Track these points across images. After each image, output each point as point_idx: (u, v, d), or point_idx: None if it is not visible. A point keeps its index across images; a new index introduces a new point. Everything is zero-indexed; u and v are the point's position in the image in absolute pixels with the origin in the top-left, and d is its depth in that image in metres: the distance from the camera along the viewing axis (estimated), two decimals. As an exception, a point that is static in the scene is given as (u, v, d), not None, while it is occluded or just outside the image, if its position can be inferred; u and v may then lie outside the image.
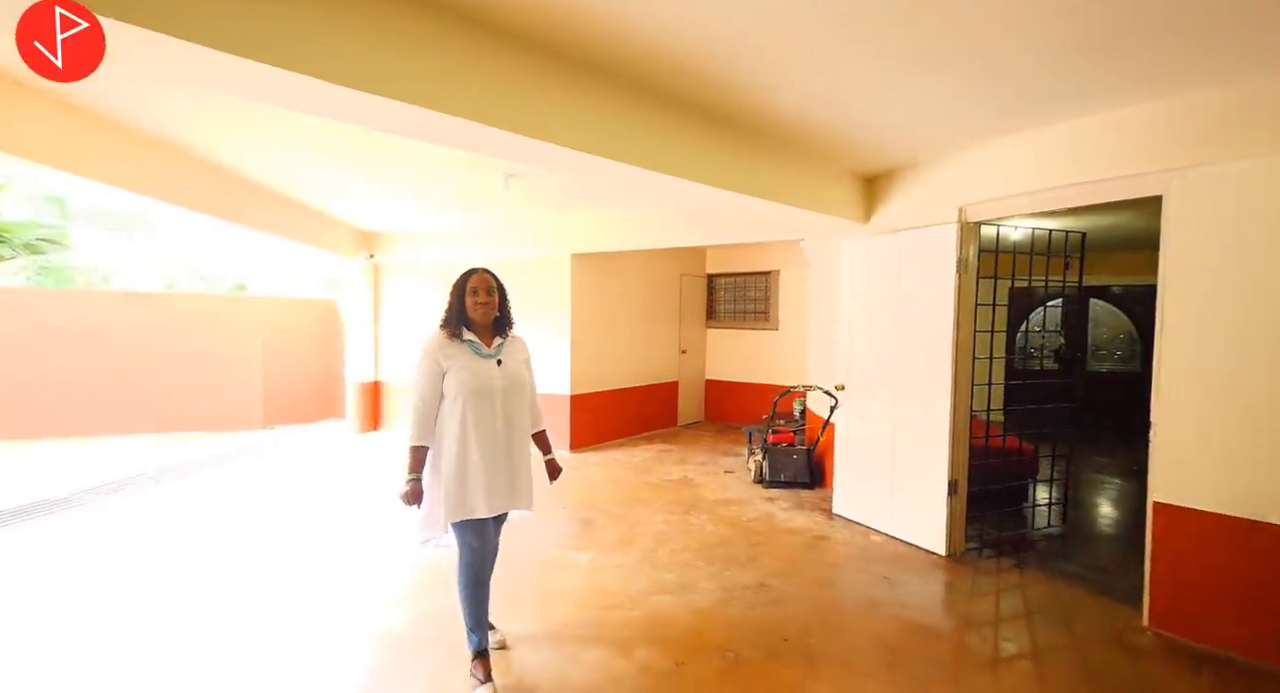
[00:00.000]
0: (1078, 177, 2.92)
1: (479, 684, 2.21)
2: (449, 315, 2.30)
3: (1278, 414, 2.36)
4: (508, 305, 2.42)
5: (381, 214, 6.14)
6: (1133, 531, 4.13)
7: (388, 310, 7.55)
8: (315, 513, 4.36)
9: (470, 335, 2.29)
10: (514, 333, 2.46)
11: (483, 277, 2.33)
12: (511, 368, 2.35)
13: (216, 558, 3.52)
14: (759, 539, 3.86)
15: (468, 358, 2.25)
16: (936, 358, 3.59)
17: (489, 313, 2.32)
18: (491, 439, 2.24)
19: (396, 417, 7.48)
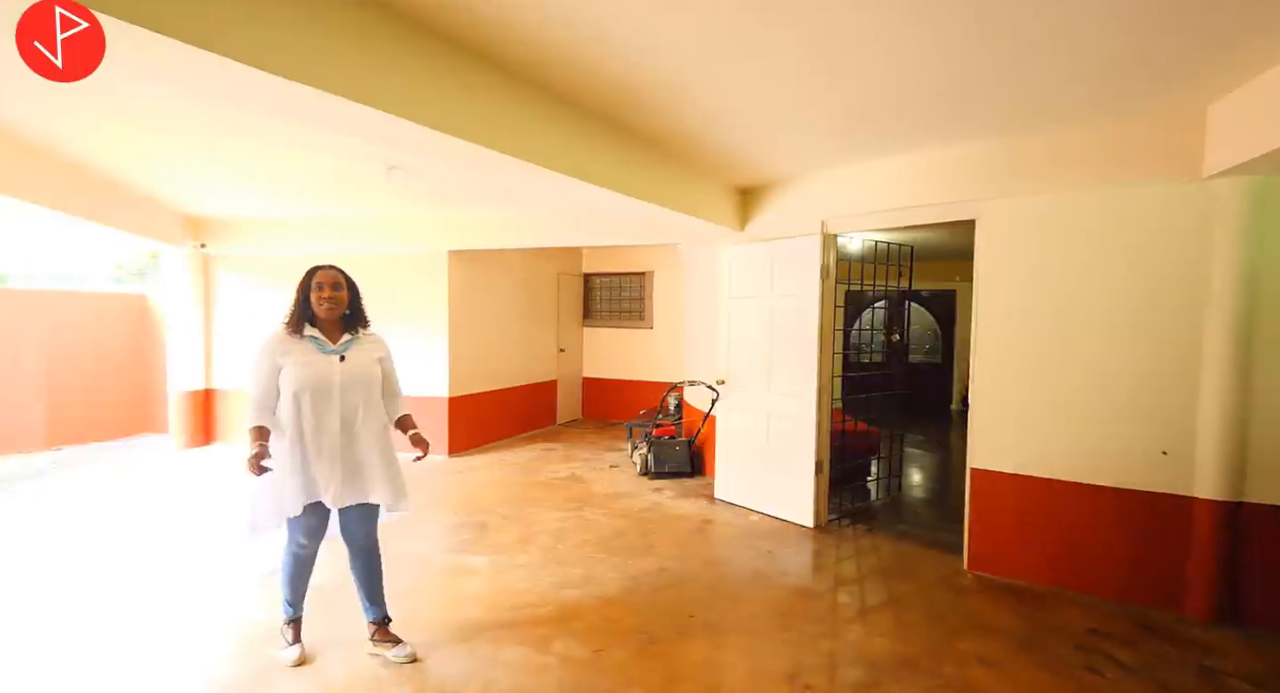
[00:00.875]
0: (917, 200, 3.50)
1: (288, 645, 2.43)
2: (292, 312, 2.31)
3: (1054, 394, 3.05)
4: (360, 302, 2.42)
5: (220, 199, 5.39)
6: (949, 494, 5.02)
7: (225, 309, 6.63)
8: (110, 554, 3.74)
9: (314, 332, 2.30)
10: (370, 331, 2.46)
11: (329, 273, 2.33)
12: (356, 364, 2.34)
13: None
14: (652, 528, 4.07)
15: (307, 354, 2.26)
16: (805, 353, 4.06)
17: (336, 309, 2.31)
18: (329, 434, 2.27)
19: (235, 428, 6.60)
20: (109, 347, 7.01)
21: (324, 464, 2.27)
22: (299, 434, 2.24)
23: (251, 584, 3.14)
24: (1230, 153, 2.49)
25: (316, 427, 2.25)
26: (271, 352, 2.24)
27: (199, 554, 3.56)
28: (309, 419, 2.24)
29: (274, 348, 2.25)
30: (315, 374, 2.24)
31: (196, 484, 5.14)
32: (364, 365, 2.37)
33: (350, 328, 2.38)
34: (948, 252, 7.57)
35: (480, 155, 2.55)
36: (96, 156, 4.33)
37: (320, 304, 2.28)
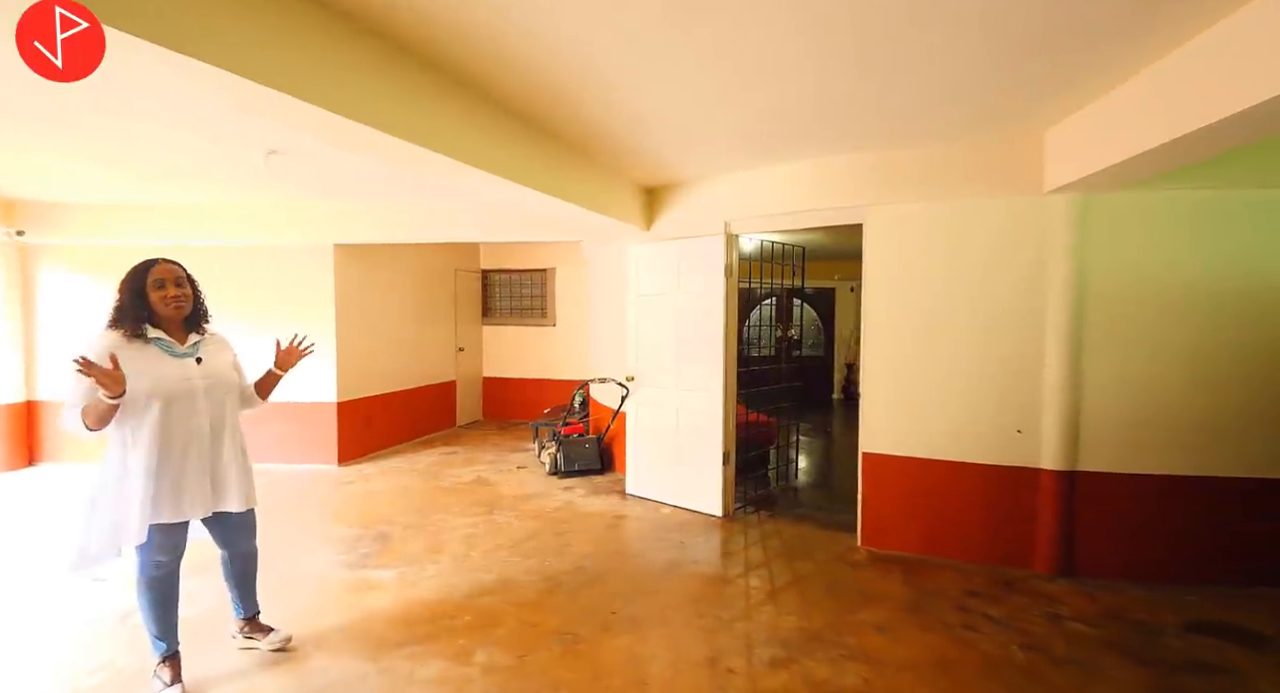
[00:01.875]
0: (813, 204, 3.75)
1: (165, 686, 2.18)
2: (121, 312, 2.10)
3: (929, 383, 3.43)
4: (202, 299, 2.28)
5: (46, 176, 4.58)
6: (839, 477, 5.46)
7: (50, 309, 5.66)
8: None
9: (158, 333, 2.12)
10: (213, 330, 2.33)
11: (169, 268, 2.17)
12: (214, 365, 2.24)
13: None
14: (565, 527, 4.04)
15: (156, 359, 2.08)
16: (711, 349, 4.22)
17: (182, 309, 2.16)
18: (196, 442, 2.13)
19: (63, 446, 5.68)
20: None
21: (191, 476, 2.11)
22: (159, 446, 2.04)
23: (98, 624, 2.73)
24: (1063, 171, 2.93)
25: (183, 435, 2.09)
26: (105, 355, 1.93)
27: (26, 594, 3.03)
28: (173, 428, 2.07)
29: (110, 351, 1.95)
30: (172, 380, 2.07)
31: (18, 515, 4.36)
32: (222, 367, 2.27)
33: (194, 327, 2.24)
34: (829, 252, 8.19)
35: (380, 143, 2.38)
36: None
37: (166, 304, 2.11)
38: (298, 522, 4.15)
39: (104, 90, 2.77)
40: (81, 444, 5.66)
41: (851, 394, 9.68)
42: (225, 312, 5.66)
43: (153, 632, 2.21)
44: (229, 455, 2.24)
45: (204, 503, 2.17)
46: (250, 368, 2.54)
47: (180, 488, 2.10)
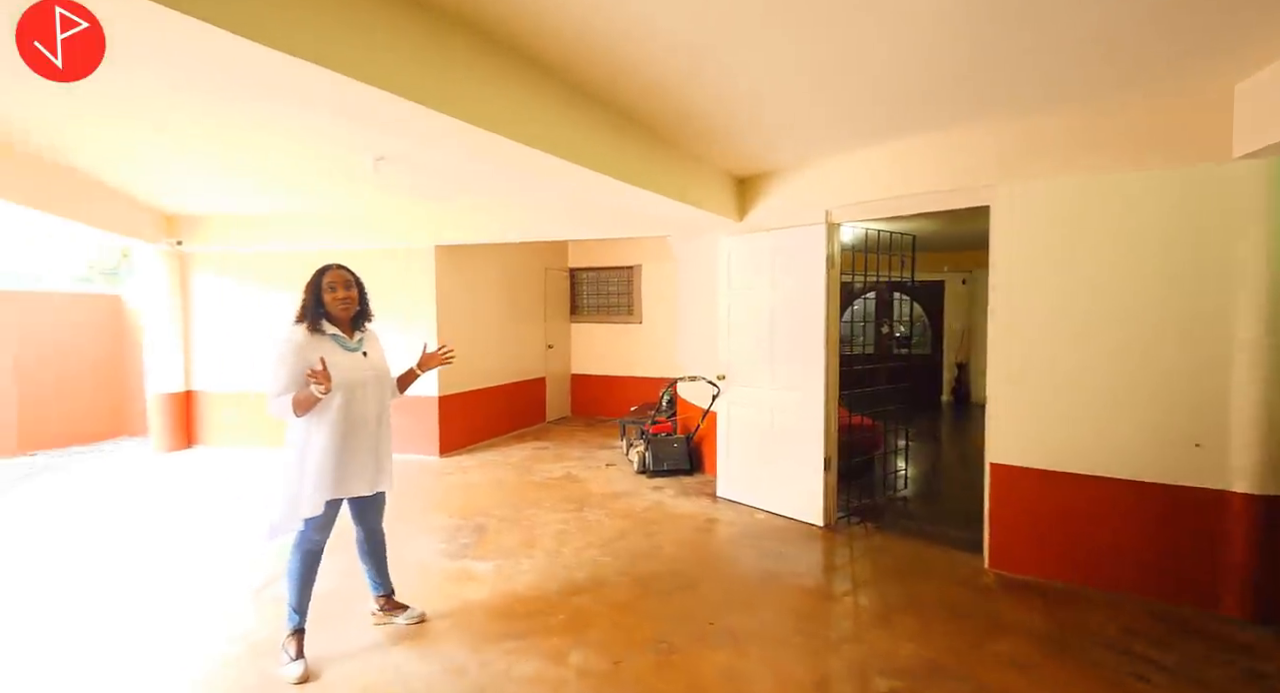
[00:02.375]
0: (926, 186, 3.40)
1: (290, 660, 2.32)
2: (305, 310, 2.33)
3: (1076, 386, 2.98)
4: (367, 299, 2.50)
5: (199, 194, 5.12)
6: (954, 489, 4.98)
7: (201, 308, 6.34)
8: (129, 551, 3.52)
9: (334, 329, 2.37)
10: (371, 327, 2.56)
11: (339, 273, 2.38)
12: (375, 358, 2.48)
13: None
14: (655, 528, 3.95)
15: (334, 352, 2.31)
16: (810, 346, 3.96)
17: (350, 308, 2.39)
18: (364, 427, 2.37)
19: (215, 430, 6.34)
20: (83, 349, 6.69)
21: (360, 457, 2.36)
22: (337, 430, 2.29)
23: (240, 596, 2.96)
24: (1261, 132, 2.41)
25: (355, 420, 2.33)
26: (300, 350, 2.24)
27: (183, 564, 3.35)
28: (348, 414, 2.31)
29: (302, 346, 2.25)
30: (350, 371, 2.31)
31: (178, 489, 4.89)
32: (381, 360, 2.51)
33: (359, 325, 2.47)
34: (939, 242, 7.54)
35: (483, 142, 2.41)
36: (70, 151, 4.07)
37: (336, 304, 2.33)
38: (402, 510, 4.34)
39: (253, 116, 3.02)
40: (230, 429, 6.32)
41: (962, 396, 8.90)
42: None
43: (292, 603, 2.38)
44: (384, 440, 2.48)
45: (367, 482, 2.42)
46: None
47: (349, 468, 2.34)
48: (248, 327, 6.23)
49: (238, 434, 6.29)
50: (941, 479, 5.25)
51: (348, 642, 2.53)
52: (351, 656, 2.44)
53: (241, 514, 4.28)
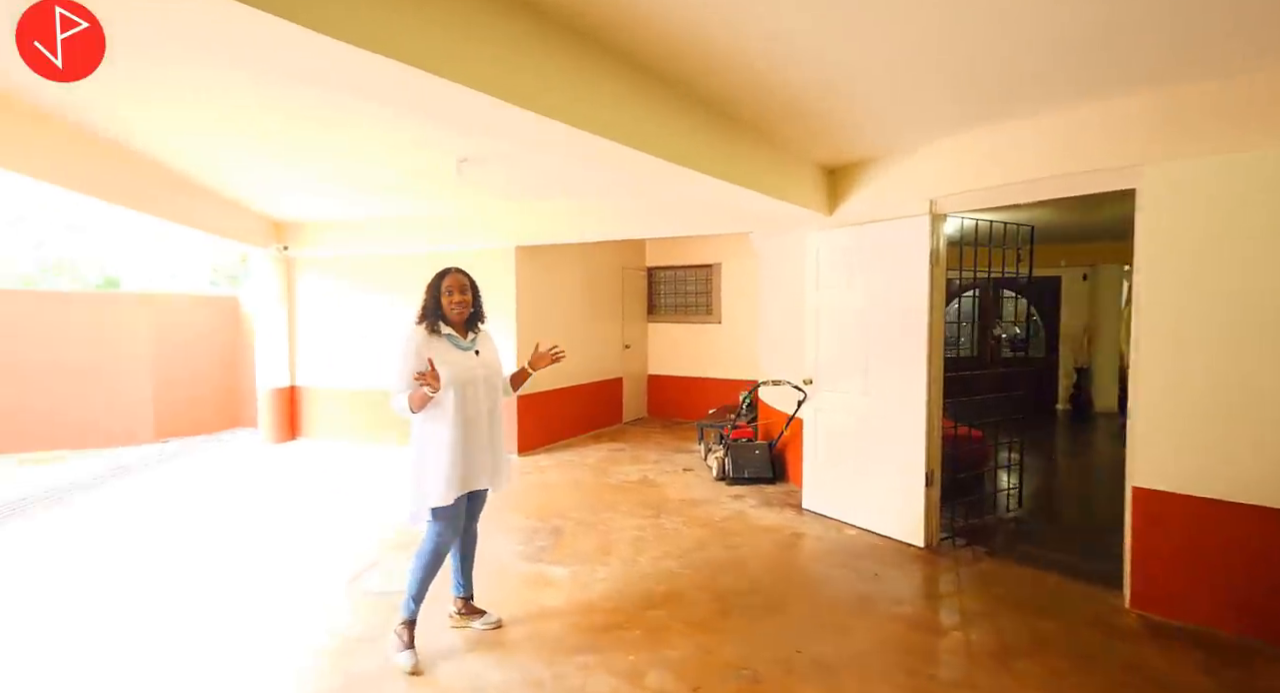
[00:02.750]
0: (1052, 169, 2.98)
1: (403, 648, 2.39)
2: (425, 312, 2.43)
3: (1245, 399, 2.49)
4: (480, 302, 2.57)
5: (301, 201, 5.46)
6: (1076, 510, 4.41)
7: (304, 308, 6.79)
8: (237, 537, 3.77)
9: (449, 329, 2.45)
10: (485, 328, 2.61)
11: (457, 277, 2.46)
12: (488, 358, 2.53)
13: (115, 604, 2.92)
14: (737, 540, 3.74)
15: (449, 351, 2.40)
16: (910, 350, 3.61)
17: (465, 311, 2.47)
18: (478, 423, 2.42)
19: (317, 425, 6.77)
20: (206, 346, 7.37)
21: (479, 452, 2.42)
22: (456, 426, 2.35)
23: (335, 586, 3.06)
24: None
25: (472, 417, 2.40)
26: (420, 349, 2.34)
27: (283, 550, 3.54)
28: (464, 410, 2.37)
29: (421, 345, 2.35)
30: (462, 369, 2.38)
31: (282, 478, 5.24)
32: (494, 359, 2.58)
33: (473, 326, 2.54)
34: (1054, 233, 6.80)
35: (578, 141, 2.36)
36: (189, 164, 4.44)
37: (452, 308, 2.42)
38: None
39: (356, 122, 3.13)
40: (328, 423, 6.72)
41: (1081, 404, 7.99)
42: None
43: (411, 593, 2.44)
44: (498, 436, 2.54)
45: (486, 477, 2.49)
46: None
47: (469, 464, 2.40)
48: (345, 327, 6.59)
49: (336, 428, 6.68)
50: (1061, 499, 4.68)
51: (425, 644, 2.53)
52: (429, 660, 2.43)
53: (337, 504, 4.49)
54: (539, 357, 2.61)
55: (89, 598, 3.01)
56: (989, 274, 3.96)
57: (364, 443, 6.50)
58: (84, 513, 4.33)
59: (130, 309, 6.81)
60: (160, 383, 6.80)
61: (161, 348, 6.86)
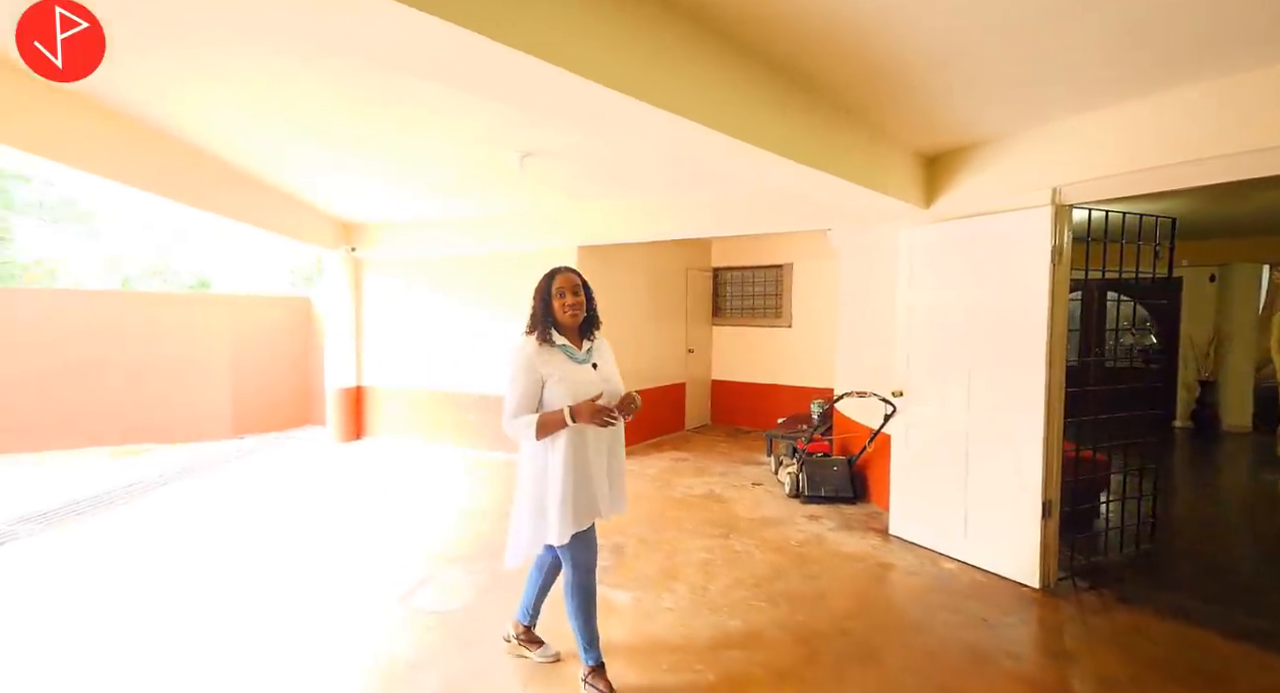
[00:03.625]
0: (1216, 148, 2.47)
1: None
2: (534, 319, 2.16)
3: None
4: (594, 305, 2.26)
5: (366, 202, 5.49)
6: (1223, 551, 3.76)
7: (370, 309, 6.88)
8: (293, 542, 3.74)
9: (562, 340, 2.15)
10: (599, 336, 2.30)
11: (568, 276, 2.16)
12: (606, 371, 2.23)
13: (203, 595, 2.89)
14: (817, 569, 3.38)
15: (564, 364, 2.12)
16: (1024, 360, 3.14)
17: (578, 315, 2.17)
18: (599, 446, 2.14)
19: (381, 424, 6.83)
20: (280, 345, 7.61)
21: (598, 479, 2.14)
22: (576, 451, 2.08)
23: (387, 603, 2.93)
24: None
25: (591, 439, 2.12)
26: (533, 364, 2.08)
27: (341, 557, 3.46)
28: (584, 432, 2.10)
29: (534, 359, 2.09)
30: (581, 386, 2.09)
31: (346, 477, 5.26)
32: (613, 371, 2.26)
33: (588, 332, 2.24)
34: (1180, 229, 5.97)
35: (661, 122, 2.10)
36: (272, 170, 4.51)
37: (565, 311, 2.13)
38: (541, 519, 4.21)
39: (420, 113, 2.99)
40: (392, 423, 6.77)
41: (1206, 421, 7.05)
42: (486, 311, 6.29)
43: (583, 641, 2.19)
44: (618, 458, 2.24)
45: (606, 505, 2.18)
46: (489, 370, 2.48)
47: (591, 490, 2.11)
48: (409, 327, 6.62)
49: (399, 427, 6.72)
50: (1198, 535, 4.02)
51: (478, 673, 2.33)
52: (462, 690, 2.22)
53: (393, 508, 4.42)
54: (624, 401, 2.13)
55: (138, 602, 3.00)
56: (1119, 274, 3.40)
57: (426, 442, 6.51)
58: (157, 510, 4.44)
59: (211, 309, 7.11)
60: (238, 381, 7.06)
61: (239, 347, 7.12)
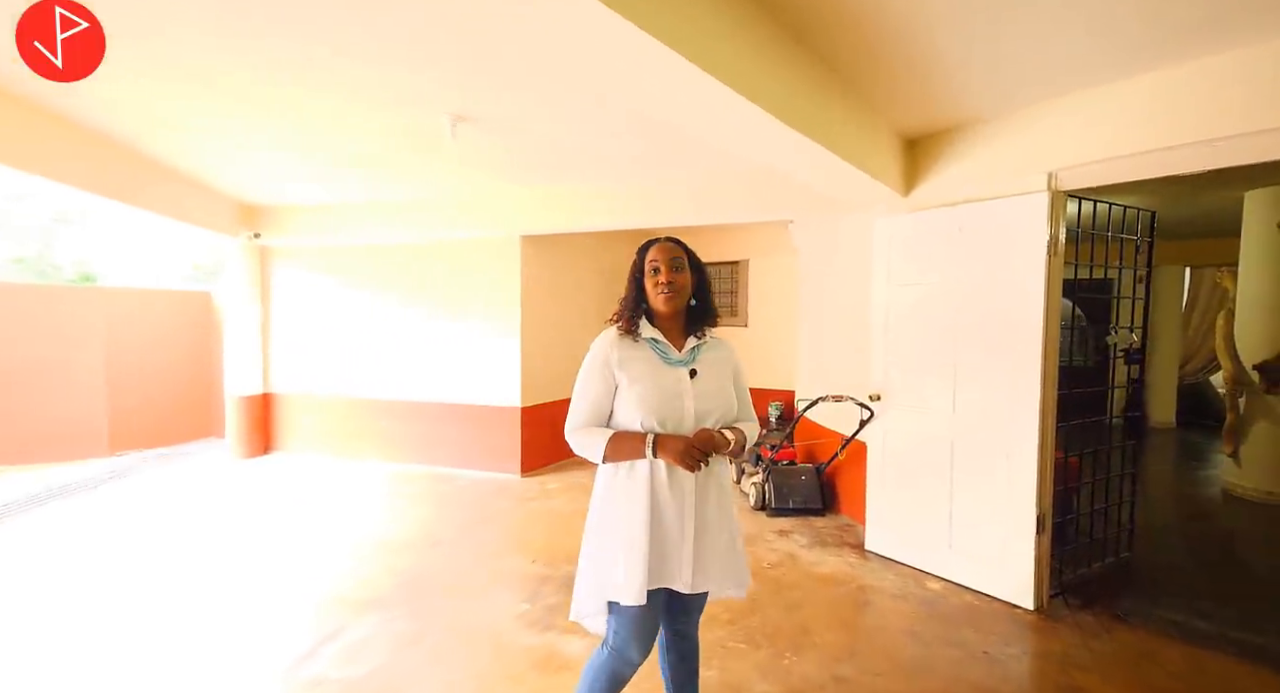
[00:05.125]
0: (1241, 125, 2.24)
1: None
2: (623, 307, 1.64)
3: None
4: (708, 291, 1.69)
5: (273, 180, 4.72)
6: (1203, 555, 3.65)
7: (280, 305, 6.04)
8: (190, 581, 3.01)
9: (653, 332, 1.61)
10: (718, 337, 1.72)
11: (665, 247, 1.62)
12: (710, 383, 1.61)
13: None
14: (796, 596, 3.00)
15: (648, 365, 1.57)
16: (1018, 360, 2.88)
17: (675, 300, 1.60)
18: (683, 486, 1.55)
19: (292, 437, 6.01)
20: (172, 348, 6.61)
21: (676, 532, 1.54)
22: (649, 483, 1.53)
23: (273, 674, 2.31)
24: None
25: (676, 475, 1.54)
26: (605, 360, 1.58)
27: (225, 609, 2.78)
28: (660, 463, 1.53)
29: (607, 355, 1.58)
30: (663, 397, 1.54)
31: (242, 504, 4.47)
32: (720, 386, 1.64)
33: (695, 327, 1.66)
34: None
35: None
36: (143, 135, 3.71)
37: (657, 293, 1.59)
38: (474, 547, 3.65)
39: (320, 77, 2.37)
40: (307, 436, 5.96)
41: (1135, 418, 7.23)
42: (416, 308, 5.62)
43: None
44: (717, 510, 1.60)
45: (681, 575, 1.55)
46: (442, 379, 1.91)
47: (664, 549, 1.54)
48: (327, 326, 5.85)
49: (312, 441, 5.93)
50: (1165, 537, 3.92)
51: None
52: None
53: (298, 541, 3.74)
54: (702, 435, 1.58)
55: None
56: (1106, 268, 3.22)
57: (346, 457, 5.76)
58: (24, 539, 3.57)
59: (83, 305, 6.03)
60: (117, 389, 6.03)
61: (119, 350, 6.09)
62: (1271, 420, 4.53)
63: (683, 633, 1.77)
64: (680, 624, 1.76)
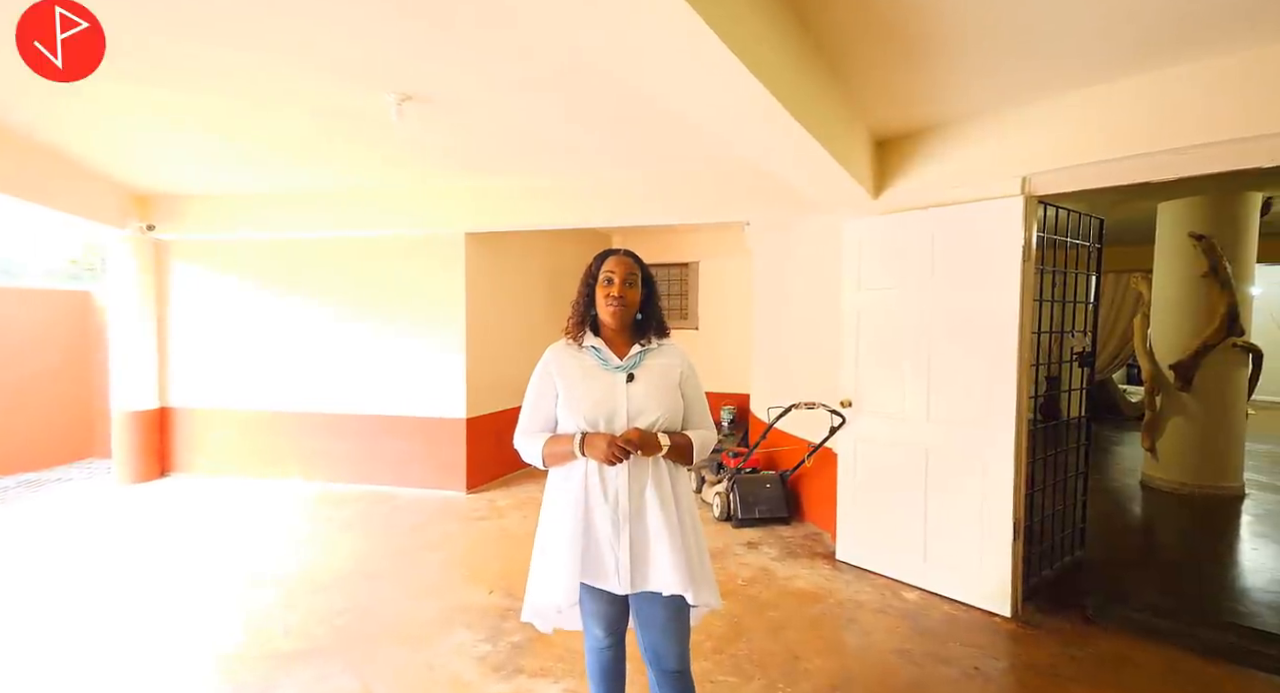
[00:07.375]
0: (1234, 129, 2.26)
1: None
2: (572, 315, 1.70)
3: None
4: (656, 304, 1.72)
5: (174, 164, 4.09)
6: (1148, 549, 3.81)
7: (180, 307, 5.31)
8: (54, 644, 2.45)
9: (595, 341, 1.66)
10: (665, 342, 1.73)
11: (623, 261, 1.67)
12: (648, 388, 1.62)
13: None
14: (777, 617, 2.85)
15: (584, 370, 1.63)
16: (992, 367, 2.86)
17: (623, 312, 1.65)
18: (611, 488, 1.57)
19: (195, 457, 5.30)
20: (42, 355, 5.66)
21: (609, 533, 1.56)
22: (584, 485, 1.58)
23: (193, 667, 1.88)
24: None
25: (600, 478, 1.57)
26: (546, 368, 1.67)
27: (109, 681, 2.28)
28: (592, 465, 1.57)
29: (548, 362, 1.67)
30: (595, 398, 1.59)
31: (134, 536, 3.83)
32: (660, 390, 1.63)
33: (641, 337, 1.69)
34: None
35: None
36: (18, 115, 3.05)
37: (607, 305, 1.63)
38: (423, 578, 3.27)
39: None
40: (211, 455, 5.28)
41: (1050, 413, 7.73)
42: (347, 310, 5.09)
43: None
44: (658, 511, 1.55)
45: (618, 573, 1.56)
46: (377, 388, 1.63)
47: (599, 549, 1.57)
48: (241, 331, 5.19)
49: (221, 460, 5.25)
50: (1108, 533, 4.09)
51: None
52: None
53: (202, 584, 3.21)
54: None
55: None
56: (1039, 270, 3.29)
57: (264, 477, 5.13)
58: None
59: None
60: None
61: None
62: (1185, 417, 4.87)
63: (659, 661, 1.62)
64: (657, 649, 1.61)
